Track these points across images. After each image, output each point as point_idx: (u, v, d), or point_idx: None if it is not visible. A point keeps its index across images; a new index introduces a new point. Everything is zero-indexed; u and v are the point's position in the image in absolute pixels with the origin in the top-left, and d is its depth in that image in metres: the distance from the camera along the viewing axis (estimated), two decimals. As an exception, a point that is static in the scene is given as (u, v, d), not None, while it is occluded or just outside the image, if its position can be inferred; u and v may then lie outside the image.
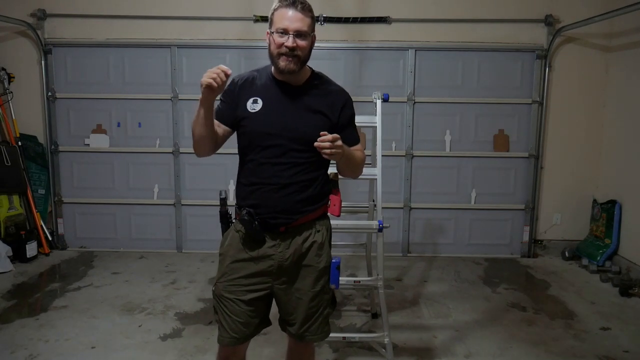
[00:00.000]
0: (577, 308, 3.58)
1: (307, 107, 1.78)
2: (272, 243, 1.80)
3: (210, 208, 4.75)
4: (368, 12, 4.59)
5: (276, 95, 1.78)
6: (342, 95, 1.86)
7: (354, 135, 1.88)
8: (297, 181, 1.77)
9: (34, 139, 4.74)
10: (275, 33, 1.70)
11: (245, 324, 1.82)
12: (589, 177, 4.78)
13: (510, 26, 4.61)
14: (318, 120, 1.76)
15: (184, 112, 4.73)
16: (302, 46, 1.70)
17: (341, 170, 1.88)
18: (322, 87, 1.84)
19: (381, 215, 2.80)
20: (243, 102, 1.79)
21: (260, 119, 1.76)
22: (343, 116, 1.83)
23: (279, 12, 1.70)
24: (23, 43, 4.67)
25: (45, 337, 3.03)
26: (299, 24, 1.68)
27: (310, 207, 1.81)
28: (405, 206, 4.82)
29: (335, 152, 1.63)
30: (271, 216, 1.77)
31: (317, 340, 1.92)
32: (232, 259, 1.83)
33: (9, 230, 4.46)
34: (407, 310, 3.53)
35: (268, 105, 1.77)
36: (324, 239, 1.86)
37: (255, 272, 1.81)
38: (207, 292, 3.77)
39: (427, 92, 4.68)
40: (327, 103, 1.80)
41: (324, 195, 1.87)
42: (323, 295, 1.87)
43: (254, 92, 1.80)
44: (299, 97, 1.79)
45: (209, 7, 4.60)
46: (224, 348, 1.86)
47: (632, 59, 4.30)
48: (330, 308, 1.92)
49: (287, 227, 1.79)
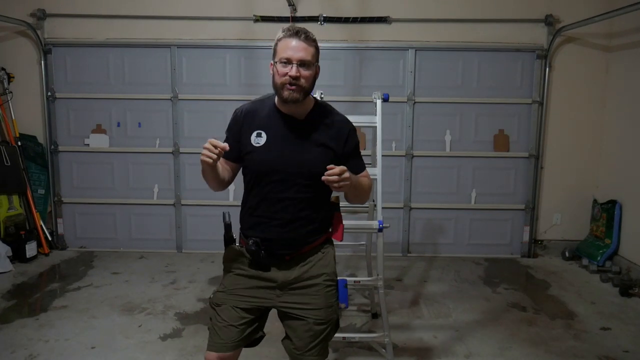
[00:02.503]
0: (577, 308, 3.58)
1: (311, 140, 1.77)
2: (277, 269, 1.81)
3: (210, 208, 4.75)
4: (368, 12, 4.59)
5: (280, 129, 1.77)
6: (346, 126, 1.84)
7: (360, 163, 1.88)
8: (303, 216, 1.77)
9: (34, 139, 4.74)
10: (278, 63, 1.69)
11: (237, 329, 1.80)
12: (589, 177, 4.78)
13: (510, 26, 4.61)
14: (322, 154, 1.75)
15: (183, 112, 4.74)
16: (306, 76, 1.69)
17: (349, 199, 1.87)
18: (326, 118, 1.82)
19: (381, 215, 2.80)
20: (247, 135, 1.78)
21: (264, 154, 1.75)
22: (348, 146, 1.82)
23: (283, 42, 1.69)
24: (23, 43, 4.67)
25: (45, 337, 3.03)
26: (302, 53, 1.67)
27: (315, 237, 1.83)
28: (405, 206, 4.82)
29: (343, 184, 1.62)
30: (277, 247, 1.78)
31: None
32: (236, 272, 1.84)
33: (9, 230, 4.46)
34: (407, 310, 3.53)
35: (272, 139, 1.76)
36: (329, 259, 1.87)
37: (259, 286, 1.81)
38: (207, 292, 3.77)
39: (427, 92, 4.68)
40: (331, 135, 1.79)
41: (327, 223, 1.88)
42: (332, 315, 1.84)
43: (258, 125, 1.78)
44: (303, 130, 1.77)
45: (209, 7, 4.60)
46: (211, 354, 1.82)
47: (632, 59, 4.30)
48: (332, 331, 1.88)
49: (292, 256, 1.81)
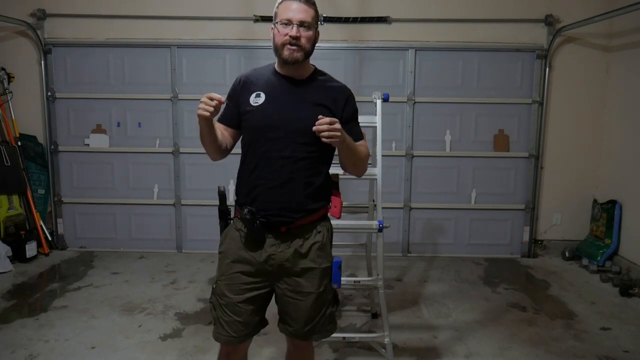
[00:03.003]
0: (577, 308, 3.58)
1: (310, 100, 1.79)
2: (272, 242, 1.79)
3: (210, 208, 4.75)
4: (368, 12, 4.59)
5: (279, 89, 1.80)
6: (345, 92, 1.87)
7: (357, 130, 1.88)
8: (300, 177, 1.77)
9: (34, 139, 4.74)
10: (279, 24, 1.74)
11: (244, 323, 1.82)
12: (589, 177, 4.78)
13: (510, 26, 4.61)
14: (321, 113, 1.75)
15: (184, 112, 4.73)
16: (306, 36, 1.74)
17: (344, 164, 1.87)
18: (325, 82, 1.86)
19: (381, 215, 2.80)
20: (246, 97, 1.81)
21: (262, 112, 1.77)
22: (346, 112, 1.84)
23: (284, 5, 1.76)
24: (23, 43, 4.67)
25: (45, 337, 3.03)
26: (302, 14, 1.73)
27: (312, 205, 1.81)
28: (405, 206, 4.82)
29: (333, 134, 1.63)
30: (273, 213, 1.76)
31: (321, 338, 1.92)
32: (232, 257, 1.82)
33: (9, 230, 4.46)
34: (407, 310, 3.53)
35: (271, 98, 1.79)
36: (325, 239, 1.86)
37: (256, 272, 1.81)
38: (207, 292, 3.77)
39: (427, 92, 4.68)
40: (330, 97, 1.82)
41: (325, 194, 1.87)
42: (326, 296, 1.86)
43: (257, 87, 1.82)
44: (302, 90, 1.81)
45: (209, 7, 4.60)
46: (224, 345, 1.86)
47: (632, 59, 4.30)
48: (332, 307, 1.91)
49: (289, 228, 1.79)
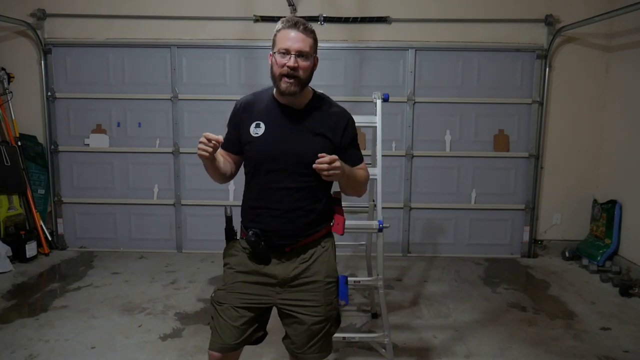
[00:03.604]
0: (577, 308, 3.58)
1: (309, 130, 1.78)
2: (277, 262, 1.81)
3: (210, 208, 4.76)
4: (368, 12, 4.59)
5: (278, 119, 1.79)
6: (345, 117, 1.85)
7: (357, 155, 1.88)
8: (301, 206, 1.78)
9: (34, 139, 4.74)
10: (277, 53, 1.71)
11: (239, 329, 1.81)
12: (589, 177, 4.78)
13: (510, 26, 4.61)
14: (320, 143, 1.76)
15: (183, 112, 4.74)
16: (304, 67, 1.71)
17: (344, 190, 1.87)
18: (324, 109, 1.83)
19: (381, 215, 2.80)
20: (246, 126, 1.80)
21: (263, 144, 1.77)
22: (345, 137, 1.83)
23: (282, 33, 1.72)
24: (23, 43, 4.67)
25: (45, 337, 3.03)
26: (300, 44, 1.69)
27: (315, 229, 1.82)
28: (405, 206, 4.82)
29: (333, 173, 1.63)
30: (276, 239, 1.79)
31: (317, 359, 1.87)
32: (236, 269, 1.84)
33: (9, 230, 4.46)
34: (407, 310, 3.53)
35: (270, 129, 1.78)
36: (329, 255, 1.87)
37: (258, 283, 1.81)
38: (207, 292, 3.77)
39: (427, 92, 4.68)
40: (329, 125, 1.80)
41: (328, 216, 1.88)
42: (329, 312, 1.84)
43: (257, 115, 1.81)
44: (301, 120, 1.79)
45: (209, 7, 4.60)
46: (213, 354, 1.84)
47: (632, 59, 4.30)
48: (334, 327, 1.89)
49: (293, 248, 1.81)
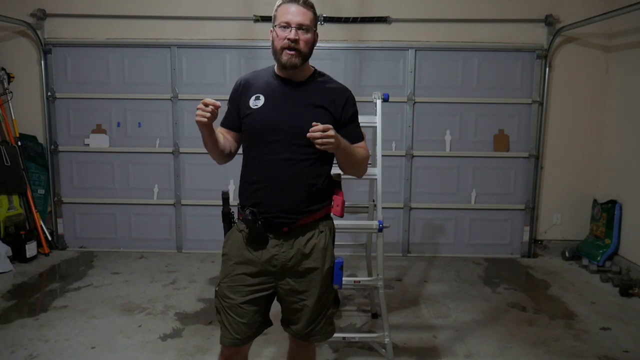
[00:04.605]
0: (577, 308, 3.59)
1: (309, 102, 1.79)
2: (275, 243, 1.79)
3: (210, 208, 4.75)
4: (368, 12, 4.59)
5: (278, 92, 1.80)
6: (345, 93, 1.87)
7: (357, 132, 1.88)
8: (301, 179, 1.77)
9: (34, 139, 4.74)
10: (278, 27, 1.74)
11: (248, 324, 1.82)
12: (589, 177, 4.78)
13: (510, 26, 4.61)
14: (320, 115, 1.76)
15: (184, 112, 4.73)
16: (305, 39, 1.73)
17: (342, 167, 1.87)
18: (325, 84, 1.85)
19: (381, 215, 2.80)
20: (246, 100, 1.82)
21: (262, 115, 1.78)
22: (345, 113, 1.84)
23: (282, 8, 1.75)
24: (23, 43, 4.67)
25: (45, 337, 3.03)
26: (301, 17, 1.72)
27: (314, 206, 1.81)
28: (405, 206, 4.82)
29: (327, 141, 1.63)
30: (274, 215, 1.77)
31: (321, 340, 1.92)
32: (235, 259, 1.83)
33: (9, 230, 4.46)
34: (407, 310, 3.53)
35: (270, 101, 1.79)
36: (327, 240, 1.86)
37: (259, 272, 1.81)
38: (207, 292, 3.77)
39: (427, 92, 4.68)
40: (329, 99, 1.81)
41: (327, 194, 1.86)
42: (328, 296, 1.87)
43: (257, 89, 1.82)
44: (301, 92, 1.80)
45: (209, 7, 4.60)
46: (227, 348, 1.86)
47: (632, 59, 4.30)
48: (334, 308, 1.92)
49: (291, 228, 1.79)
